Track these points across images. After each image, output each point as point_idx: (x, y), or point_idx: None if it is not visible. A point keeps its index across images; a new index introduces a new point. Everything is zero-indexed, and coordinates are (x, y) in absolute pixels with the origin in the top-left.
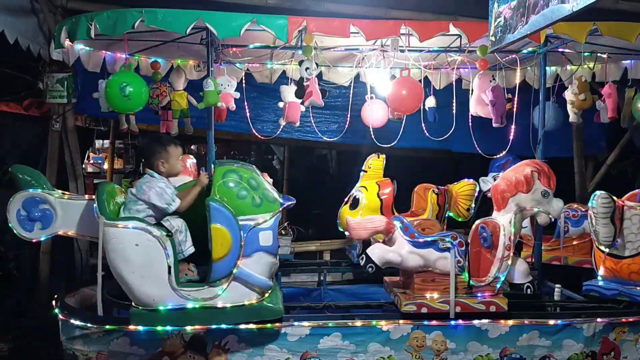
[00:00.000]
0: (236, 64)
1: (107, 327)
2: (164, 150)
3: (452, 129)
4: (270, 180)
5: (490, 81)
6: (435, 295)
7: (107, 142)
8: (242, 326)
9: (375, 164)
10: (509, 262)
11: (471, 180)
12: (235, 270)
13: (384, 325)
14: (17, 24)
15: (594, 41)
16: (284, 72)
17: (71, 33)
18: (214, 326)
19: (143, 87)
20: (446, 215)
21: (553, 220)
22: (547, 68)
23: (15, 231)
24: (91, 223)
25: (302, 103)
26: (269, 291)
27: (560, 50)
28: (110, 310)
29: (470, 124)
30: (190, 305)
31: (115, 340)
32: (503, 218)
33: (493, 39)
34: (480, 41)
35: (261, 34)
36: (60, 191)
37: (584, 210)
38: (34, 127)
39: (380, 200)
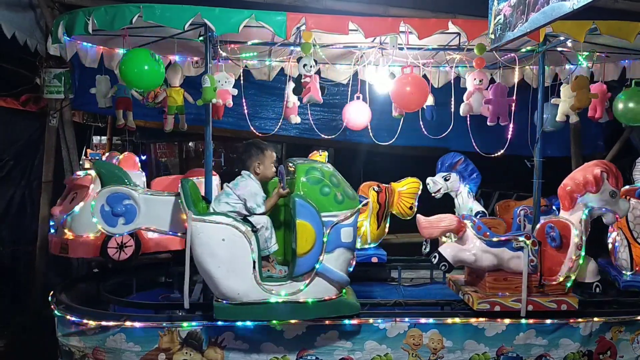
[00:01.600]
0: (234, 61)
1: (103, 323)
2: (261, 153)
3: (450, 127)
4: None
5: (474, 80)
6: (507, 293)
7: (104, 138)
8: (239, 323)
9: (316, 159)
10: (580, 261)
11: (415, 178)
12: (317, 266)
13: (380, 323)
14: (15, 18)
15: (593, 40)
16: (282, 69)
17: (69, 28)
18: (209, 323)
19: (160, 64)
20: (388, 213)
21: (619, 219)
22: (546, 67)
23: (99, 226)
24: (173, 218)
25: (301, 100)
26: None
27: (559, 49)
28: (107, 306)
29: (468, 122)
30: (273, 299)
31: (112, 337)
32: (573, 217)
33: (492, 36)
34: (479, 39)
35: (260, 31)
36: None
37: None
38: (31, 123)
39: None
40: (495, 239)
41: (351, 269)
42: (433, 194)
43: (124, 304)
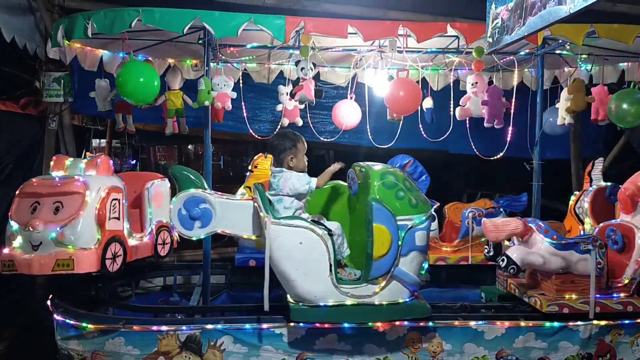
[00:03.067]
0: (234, 64)
1: (103, 326)
2: (294, 147)
3: (450, 130)
4: None
5: (472, 84)
6: (574, 296)
7: (104, 141)
8: (238, 326)
9: (262, 164)
10: None
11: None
12: (393, 269)
13: (380, 326)
14: (14, 22)
15: (592, 43)
16: (281, 72)
17: (68, 32)
18: (209, 326)
19: (156, 77)
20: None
21: None
22: (545, 70)
23: (176, 230)
24: (246, 222)
25: (293, 97)
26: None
27: (557, 52)
28: (106, 309)
29: (467, 125)
30: (348, 302)
31: (111, 340)
32: (635, 220)
33: (490, 40)
34: (477, 42)
35: (259, 34)
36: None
37: (486, 209)
38: (30, 126)
39: None
40: (563, 242)
41: (423, 272)
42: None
43: (123, 308)
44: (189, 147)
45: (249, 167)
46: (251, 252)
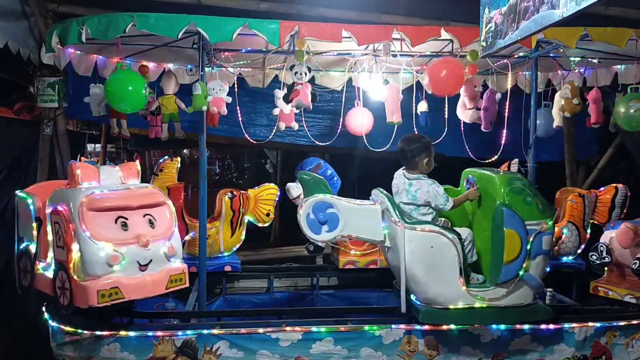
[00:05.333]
0: (228, 68)
1: (98, 332)
2: (427, 149)
3: (444, 133)
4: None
5: (475, 87)
6: None
7: (99, 146)
8: (234, 331)
9: (167, 167)
10: None
11: (272, 184)
12: (521, 273)
13: (376, 330)
14: (8, 27)
15: (585, 46)
16: (276, 76)
17: (62, 37)
18: (205, 332)
19: (143, 85)
20: (244, 220)
21: None
22: (539, 73)
23: (305, 234)
24: (373, 226)
25: (287, 102)
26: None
27: (551, 55)
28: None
29: (462, 128)
30: (477, 304)
31: (106, 346)
32: None
33: (484, 44)
34: (471, 46)
35: (253, 39)
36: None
37: None
38: (25, 132)
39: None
40: None
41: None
42: (293, 200)
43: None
44: (185, 151)
45: (154, 171)
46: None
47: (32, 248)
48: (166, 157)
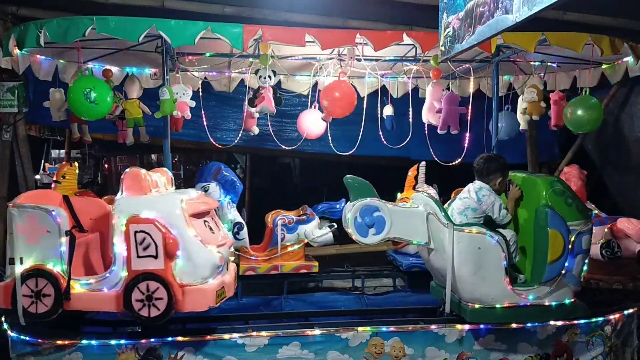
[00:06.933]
0: (193, 73)
1: (59, 342)
2: (503, 171)
3: (409, 136)
4: None
5: (443, 90)
6: None
7: (63, 152)
8: (199, 337)
9: (69, 173)
10: None
11: None
12: (563, 271)
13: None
14: None
15: (544, 51)
16: (242, 80)
17: (19, 40)
18: (169, 339)
19: (108, 92)
20: None
21: None
22: (500, 77)
23: (353, 236)
24: (418, 228)
25: (251, 106)
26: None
27: (511, 59)
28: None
29: (426, 131)
30: (522, 303)
31: (68, 356)
32: None
33: (443, 49)
34: (433, 51)
35: (218, 43)
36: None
37: (297, 216)
38: None
39: None
40: None
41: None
42: None
43: (80, 322)
44: (152, 156)
45: (54, 178)
46: None
47: (56, 268)
48: (64, 162)
